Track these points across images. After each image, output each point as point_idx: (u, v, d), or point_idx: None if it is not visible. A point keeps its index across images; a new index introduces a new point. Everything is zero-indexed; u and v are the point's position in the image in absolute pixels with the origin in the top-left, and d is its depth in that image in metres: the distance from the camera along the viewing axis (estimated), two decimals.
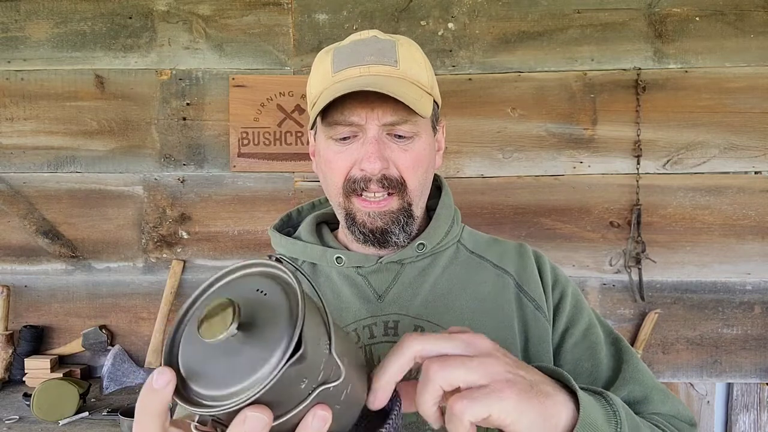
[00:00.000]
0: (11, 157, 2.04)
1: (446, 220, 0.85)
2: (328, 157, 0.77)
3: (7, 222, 2.05)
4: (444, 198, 0.88)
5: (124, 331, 2.05)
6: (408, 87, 0.73)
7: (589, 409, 0.52)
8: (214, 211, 2.04)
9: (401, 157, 0.75)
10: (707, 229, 1.98)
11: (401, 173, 0.75)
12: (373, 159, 0.72)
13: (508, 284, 0.81)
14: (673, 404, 0.76)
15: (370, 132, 0.73)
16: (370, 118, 0.73)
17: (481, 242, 0.88)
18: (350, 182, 0.75)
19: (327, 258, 0.82)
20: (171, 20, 2.02)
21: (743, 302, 1.98)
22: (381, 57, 0.75)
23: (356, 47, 0.76)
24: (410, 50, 0.78)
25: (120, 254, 2.05)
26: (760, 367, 1.98)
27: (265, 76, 2.01)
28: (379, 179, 0.73)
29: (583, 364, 0.78)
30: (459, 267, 0.83)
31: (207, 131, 2.03)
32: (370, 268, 0.80)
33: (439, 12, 1.99)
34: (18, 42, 2.02)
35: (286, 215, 0.94)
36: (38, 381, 1.75)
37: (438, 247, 0.83)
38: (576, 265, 2.00)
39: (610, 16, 1.97)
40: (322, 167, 0.80)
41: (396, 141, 0.75)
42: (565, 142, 1.99)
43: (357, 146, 0.74)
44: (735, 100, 1.95)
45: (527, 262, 0.84)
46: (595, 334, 0.81)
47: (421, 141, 0.76)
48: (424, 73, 0.78)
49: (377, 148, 0.72)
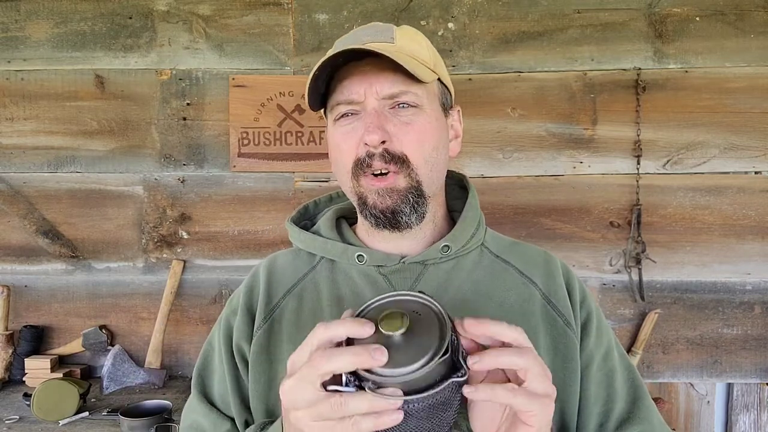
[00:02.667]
0: (11, 157, 2.04)
1: (472, 223, 0.82)
2: (336, 141, 0.76)
3: (7, 222, 2.05)
4: (471, 200, 0.85)
5: (124, 331, 2.05)
6: (405, 57, 0.71)
7: None
8: (214, 211, 2.04)
9: (402, 129, 0.72)
10: (707, 229, 1.98)
11: (403, 148, 0.73)
12: (372, 129, 0.70)
13: (534, 295, 0.79)
14: None
15: (370, 105, 0.72)
16: (369, 92, 0.72)
17: (505, 246, 0.86)
18: (358, 162, 0.73)
19: (348, 255, 0.80)
20: (171, 20, 2.02)
21: (743, 302, 1.98)
22: (377, 36, 0.74)
23: (356, 32, 0.77)
24: (409, 33, 0.78)
25: (120, 254, 2.05)
26: (760, 367, 1.98)
27: (265, 76, 2.01)
28: (381, 153, 0.72)
29: (601, 391, 0.77)
30: (484, 272, 0.81)
31: (207, 131, 2.03)
32: (392, 267, 0.78)
33: (439, 12, 1.99)
34: (18, 42, 2.02)
35: (303, 207, 0.92)
36: (38, 381, 1.75)
37: (462, 249, 0.80)
38: (576, 265, 2.00)
39: (610, 16, 1.97)
40: (333, 154, 0.79)
41: (398, 114, 0.73)
42: (565, 142, 1.99)
43: (359, 124, 0.73)
44: (735, 100, 1.95)
45: (555, 273, 0.82)
46: (612, 359, 0.79)
47: (425, 115, 0.74)
48: (425, 52, 0.77)
49: (376, 119, 0.71)
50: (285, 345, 0.77)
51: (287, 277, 0.83)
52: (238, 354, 0.80)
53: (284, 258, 0.86)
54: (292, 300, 0.80)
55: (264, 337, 0.78)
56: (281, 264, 0.85)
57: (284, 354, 0.76)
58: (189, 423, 0.82)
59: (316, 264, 0.83)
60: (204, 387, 0.83)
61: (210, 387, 0.83)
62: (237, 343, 0.80)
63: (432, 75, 0.76)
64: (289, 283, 0.82)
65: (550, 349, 0.75)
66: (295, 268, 0.84)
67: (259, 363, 0.77)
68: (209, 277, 2.04)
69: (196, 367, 0.85)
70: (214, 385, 0.83)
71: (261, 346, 0.78)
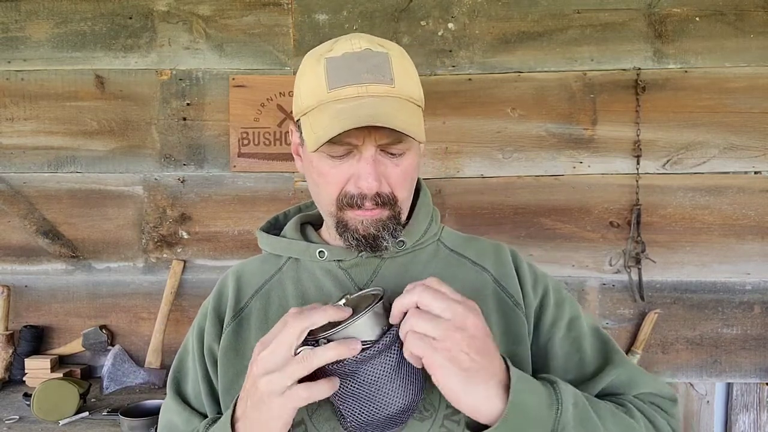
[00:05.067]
0: (11, 157, 2.04)
1: (425, 218, 0.88)
2: (323, 170, 0.78)
3: (7, 222, 2.05)
4: (422, 198, 0.90)
5: (124, 331, 2.05)
6: (404, 109, 0.74)
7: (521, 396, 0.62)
8: (214, 211, 2.04)
9: (393, 172, 0.77)
10: (707, 229, 1.98)
11: (393, 189, 0.77)
12: (371, 179, 0.74)
13: (486, 281, 0.85)
14: (655, 384, 0.83)
15: (367, 152, 0.74)
16: (368, 140, 0.74)
17: (460, 241, 0.91)
18: (346, 197, 0.77)
19: (309, 252, 0.86)
20: (171, 20, 2.02)
21: (743, 302, 1.98)
22: (377, 75, 0.74)
23: (350, 62, 0.75)
24: (403, 63, 0.78)
25: (120, 254, 2.05)
26: (759, 367, 1.98)
27: (265, 76, 2.01)
28: (372, 196, 0.76)
29: (572, 357, 0.82)
30: (439, 264, 0.86)
31: (207, 131, 2.03)
32: (351, 261, 0.84)
33: (439, 12, 1.99)
34: (18, 42, 2.03)
35: (273, 218, 0.98)
36: (38, 381, 1.75)
37: (418, 244, 0.86)
38: (576, 265, 2.00)
39: (610, 16, 1.97)
40: (314, 177, 0.80)
41: (389, 157, 0.77)
42: (565, 142, 1.99)
43: (353, 162, 0.76)
44: (735, 100, 1.95)
45: (504, 260, 0.87)
46: (578, 326, 0.85)
47: (411, 155, 0.79)
48: (416, 87, 0.79)
49: (374, 169, 0.74)
50: (253, 341, 0.79)
51: (255, 279, 0.89)
52: (210, 357, 0.84)
53: (252, 264, 0.92)
54: (259, 300, 0.86)
55: (232, 333, 0.83)
56: (249, 269, 0.91)
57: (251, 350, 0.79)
58: (164, 423, 0.87)
59: (282, 266, 0.89)
60: (179, 387, 0.89)
61: (184, 387, 0.88)
62: (208, 346, 0.85)
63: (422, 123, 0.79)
64: (257, 284, 0.88)
65: (502, 327, 0.81)
66: (263, 271, 0.89)
67: (227, 358, 0.82)
68: (209, 277, 2.04)
69: (171, 369, 0.90)
70: (188, 386, 0.88)
71: (229, 341, 0.83)
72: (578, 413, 0.66)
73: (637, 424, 0.73)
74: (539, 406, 0.63)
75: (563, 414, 0.64)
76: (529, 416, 0.62)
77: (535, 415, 0.62)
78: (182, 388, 0.88)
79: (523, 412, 0.61)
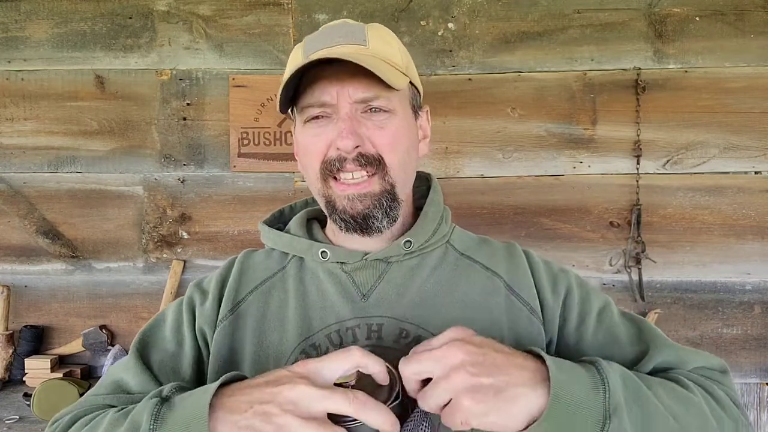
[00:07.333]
0: (11, 157, 2.04)
1: (434, 218, 0.83)
2: (305, 142, 0.76)
3: (7, 222, 2.05)
4: (433, 196, 0.86)
5: (124, 331, 2.05)
6: (378, 62, 0.71)
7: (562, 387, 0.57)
8: (214, 211, 2.04)
9: (377, 134, 0.73)
10: (707, 229, 1.98)
11: (378, 150, 0.73)
12: (346, 134, 0.71)
13: (499, 287, 0.80)
14: (703, 358, 0.78)
15: (343, 110, 0.72)
16: (342, 96, 0.71)
17: (471, 243, 0.86)
18: (326, 164, 0.74)
19: (312, 252, 0.81)
20: (171, 20, 2.02)
21: (743, 302, 1.98)
22: (350, 38, 0.74)
23: (325, 31, 0.76)
24: (380, 33, 0.77)
25: (120, 254, 2.05)
26: (760, 367, 1.98)
27: (265, 76, 2.01)
28: (354, 157, 0.72)
29: (608, 348, 0.77)
30: (447, 269, 0.81)
31: (207, 131, 2.03)
32: (355, 264, 0.79)
33: (439, 12, 1.99)
34: (18, 42, 2.02)
35: (278, 211, 0.94)
36: (38, 381, 1.75)
37: (426, 246, 0.81)
38: (576, 265, 2.00)
39: (610, 16, 1.97)
40: (301, 156, 0.79)
41: (371, 118, 0.73)
42: (565, 142, 1.99)
43: (331, 127, 0.73)
44: (735, 100, 1.95)
45: (518, 263, 0.82)
46: (608, 316, 0.80)
47: (398, 118, 0.75)
48: (397, 54, 0.77)
49: (349, 125, 0.71)
50: (248, 343, 0.78)
51: (257, 273, 0.84)
52: (200, 335, 0.80)
53: (258, 256, 0.88)
54: (258, 297, 0.81)
55: (228, 329, 0.79)
56: (254, 261, 0.87)
57: (246, 350, 0.77)
58: (113, 380, 0.77)
59: (286, 264, 0.85)
60: (144, 351, 0.80)
61: (151, 354, 0.80)
62: (200, 326, 0.80)
63: (404, 79, 0.76)
64: (258, 279, 0.83)
65: (513, 335, 0.76)
66: (266, 267, 0.85)
67: (220, 355, 0.77)
68: None
69: (140, 332, 0.83)
70: (155, 354, 0.80)
71: (224, 337, 0.78)
72: (629, 390, 0.61)
73: (694, 396, 0.68)
74: (583, 391, 0.58)
75: (612, 394, 0.59)
76: (575, 403, 0.57)
77: (581, 400, 0.58)
78: (149, 354, 0.79)
79: (567, 401, 0.57)
